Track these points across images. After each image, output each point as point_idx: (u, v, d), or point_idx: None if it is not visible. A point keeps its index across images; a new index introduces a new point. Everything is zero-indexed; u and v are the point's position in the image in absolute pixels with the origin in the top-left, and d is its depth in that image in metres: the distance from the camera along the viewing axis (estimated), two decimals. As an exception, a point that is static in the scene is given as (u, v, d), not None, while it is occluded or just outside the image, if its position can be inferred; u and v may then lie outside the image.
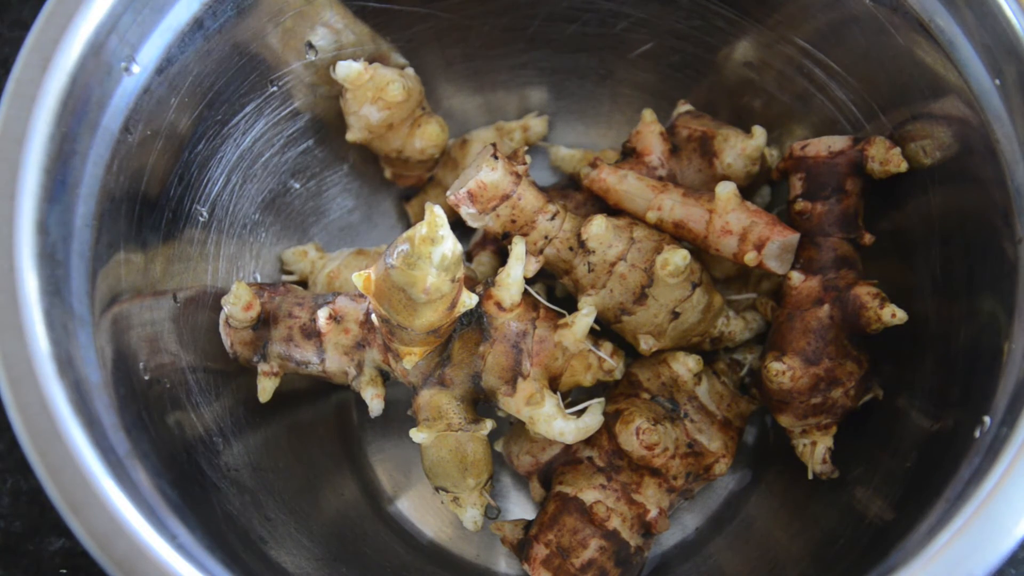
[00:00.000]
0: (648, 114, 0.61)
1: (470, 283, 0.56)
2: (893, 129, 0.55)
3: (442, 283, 0.44)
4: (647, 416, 0.53)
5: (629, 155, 0.61)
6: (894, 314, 0.52)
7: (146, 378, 0.48)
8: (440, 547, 0.65)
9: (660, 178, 0.59)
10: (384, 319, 0.48)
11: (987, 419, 0.43)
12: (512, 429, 0.60)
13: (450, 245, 0.43)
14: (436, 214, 0.43)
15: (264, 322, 0.55)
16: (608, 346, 0.55)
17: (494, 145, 0.53)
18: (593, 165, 0.60)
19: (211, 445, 0.53)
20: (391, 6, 0.60)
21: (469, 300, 0.49)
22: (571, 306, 0.58)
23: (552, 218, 0.53)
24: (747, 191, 0.63)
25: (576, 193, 0.62)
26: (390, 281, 0.45)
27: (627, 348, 0.58)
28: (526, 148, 0.56)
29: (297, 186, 0.65)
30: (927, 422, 0.51)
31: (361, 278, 0.47)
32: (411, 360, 0.51)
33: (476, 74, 0.69)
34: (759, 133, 0.58)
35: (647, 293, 0.53)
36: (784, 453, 0.59)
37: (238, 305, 0.53)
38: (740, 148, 0.58)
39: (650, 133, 0.60)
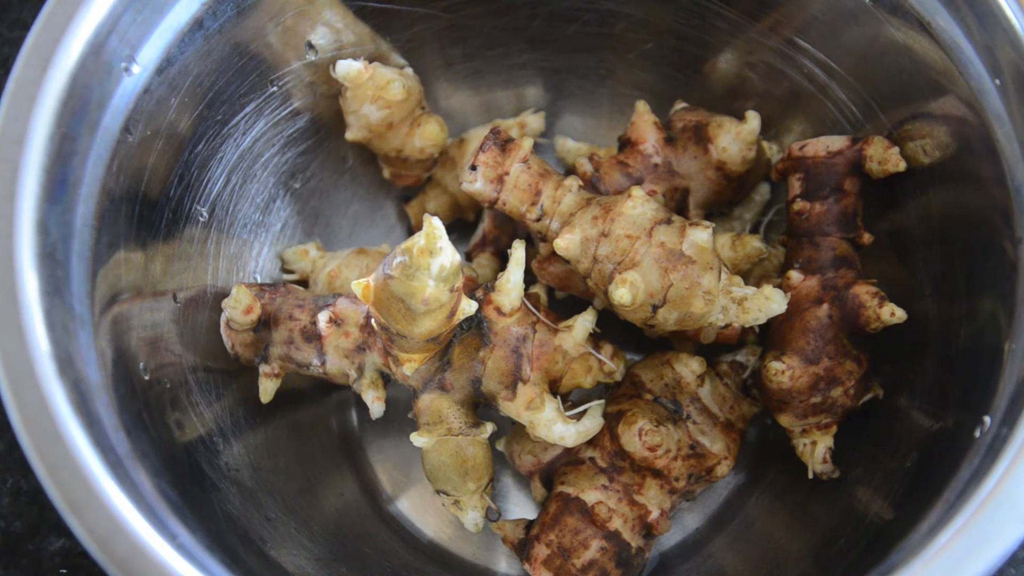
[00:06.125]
0: (641, 104, 0.61)
1: (471, 285, 0.56)
2: (893, 129, 0.55)
3: (441, 293, 0.44)
4: (650, 417, 0.53)
5: (625, 146, 0.61)
6: (893, 313, 0.52)
7: (146, 378, 0.48)
8: (440, 547, 0.65)
9: (655, 166, 0.59)
10: (383, 327, 0.48)
11: (987, 419, 0.43)
12: (514, 429, 0.60)
13: (448, 256, 0.43)
14: (434, 226, 0.43)
15: (265, 324, 0.55)
16: (608, 349, 0.55)
17: (495, 132, 0.53)
18: (590, 157, 0.60)
19: (211, 445, 0.53)
20: (391, 6, 0.60)
21: (468, 307, 0.49)
22: (572, 308, 0.58)
23: (538, 219, 0.53)
24: (746, 187, 0.63)
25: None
26: (388, 291, 0.45)
27: (628, 349, 0.58)
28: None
29: (297, 186, 0.65)
30: (927, 422, 0.51)
31: (360, 286, 0.47)
32: (411, 367, 0.51)
33: (476, 74, 0.69)
34: (752, 117, 0.58)
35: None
36: (784, 453, 0.59)
37: (238, 308, 0.53)
38: (735, 132, 0.58)
39: (644, 123, 0.60)
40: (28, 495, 0.63)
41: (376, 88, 0.59)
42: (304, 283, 0.65)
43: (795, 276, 0.56)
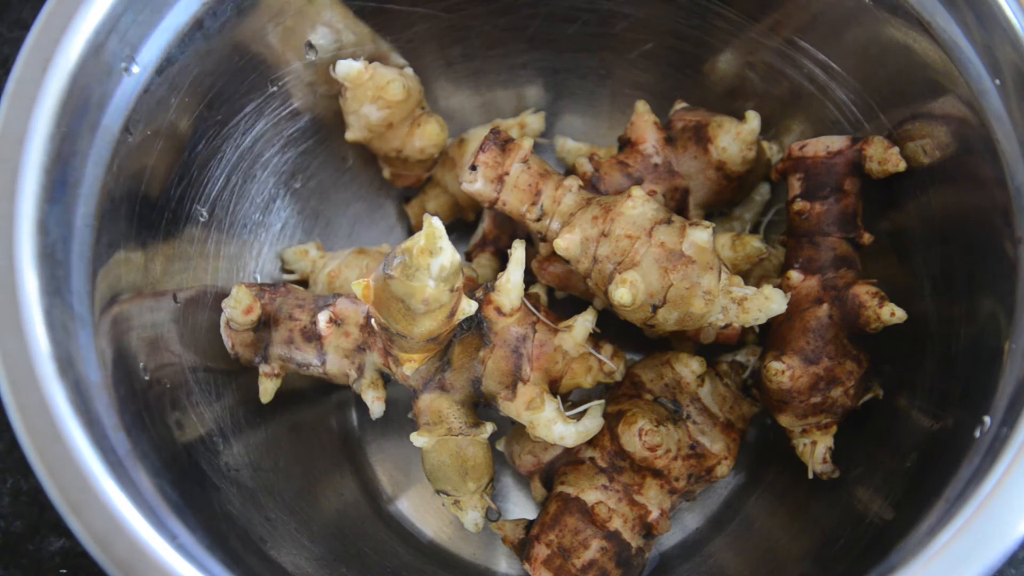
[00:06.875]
0: (641, 104, 0.61)
1: (471, 285, 0.56)
2: (893, 129, 0.55)
3: (441, 293, 0.44)
4: (650, 417, 0.53)
5: (625, 146, 0.61)
6: (893, 313, 0.52)
7: (146, 378, 0.48)
8: (440, 547, 0.65)
9: (655, 166, 0.59)
10: (383, 327, 0.48)
11: (987, 419, 0.43)
12: (514, 429, 0.60)
13: (449, 256, 0.43)
14: (434, 226, 0.43)
15: (265, 324, 0.55)
16: (608, 348, 0.55)
17: (495, 132, 0.53)
18: (590, 157, 0.60)
19: (211, 445, 0.53)
20: (391, 6, 0.60)
21: (468, 307, 0.49)
22: (572, 308, 0.58)
23: (538, 219, 0.53)
24: (746, 187, 0.63)
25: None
26: (388, 291, 0.45)
27: (628, 349, 0.58)
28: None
29: (297, 186, 0.65)
30: (927, 422, 0.51)
31: (360, 286, 0.47)
32: (411, 367, 0.51)
33: (476, 74, 0.69)
34: (752, 117, 0.58)
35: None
36: (784, 453, 0.59)
37: (238, 308, 0.53)
38: (735, 132, 0.58)
39: (643, 123, 0.60)
40: (28, 495, 0.63)
41: (376, 88, 0.59)
42: (304, 283, 0.65)
43: (795, 276, 0.56)
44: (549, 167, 0.54)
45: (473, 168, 0.53)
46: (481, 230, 0.68)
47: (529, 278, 0.60)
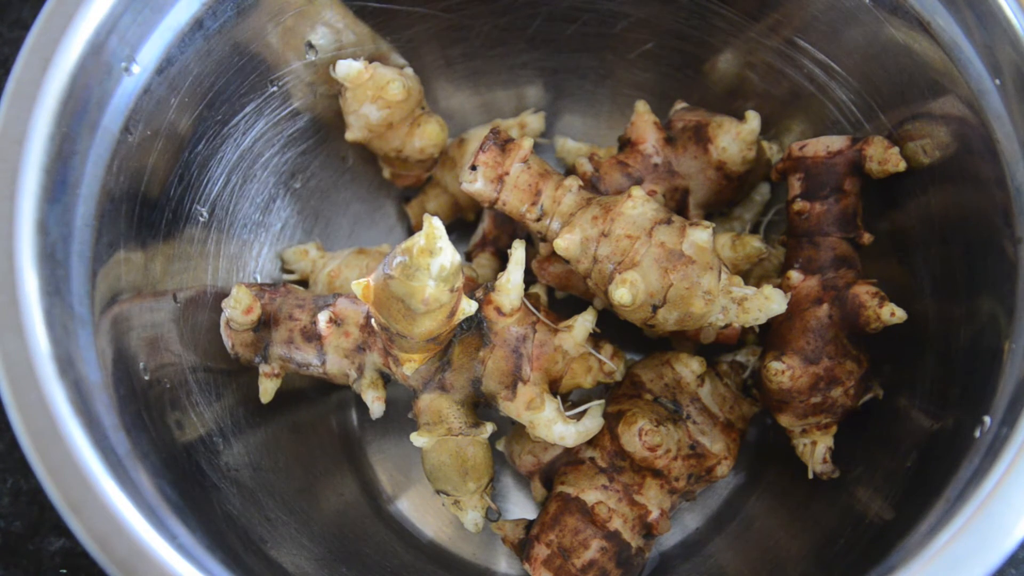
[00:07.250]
0: (641, 104, 0.61)
1: (471, 285, 0.56)
2: (893, 129, 0.55)
3: (441, 293, 0.44)
4: (650, 417, 0.53)
5: (625, 146, 0.61)
6: (893, 313, 0.52)
7: (146, 378, 0.48)
8: (440, 547, 0.65)
9: (655, 166, 0.59)
10: (383, 327, 0.48)
11: (987, 419, 0.43)
12: (514, 429, 0.60)
13: (448, 256, 0.43)
14: (434, 225, 0.43)
15: (265, 324, 0.55)
16: (608, 348, 0.55)
17: (495, 132, 0.53)
18: (590, 157, 0.60)
19: (211, 445, 0.53)
20: (391, 6, 0.60)
21: (468, 307, 0.49)
22: (572, 308, 0.58)
23: (538, 219, 0.53)
24: (746, 187, 0.63)
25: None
26: (388, 291, 0.45)
27: (628, 349, 0.58)
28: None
29: (297, 186, 0.65)
30: (927, 422, 0.51)
31: (360, 286, 0.47)
32: (411, 367, 0.51)
33: (476, 74, 0.69)
34: (752, 117, 0.58)
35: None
36: (784, 453, 0.59)
37: (238, 308, 0.53)
38: (735, 132, 0.58)
39: (644, 123, 0.60)
40: (28, 495, 0.63)
41: (376, 88, 0.59)
42: (304, 283, 0.65)
43: (795, 276, 0.56)
44: (549, 167, 0.54)
45: (473, 168, 0.53)
46: (481, 230, 0.68)
47: (529, 278, 0.60)
